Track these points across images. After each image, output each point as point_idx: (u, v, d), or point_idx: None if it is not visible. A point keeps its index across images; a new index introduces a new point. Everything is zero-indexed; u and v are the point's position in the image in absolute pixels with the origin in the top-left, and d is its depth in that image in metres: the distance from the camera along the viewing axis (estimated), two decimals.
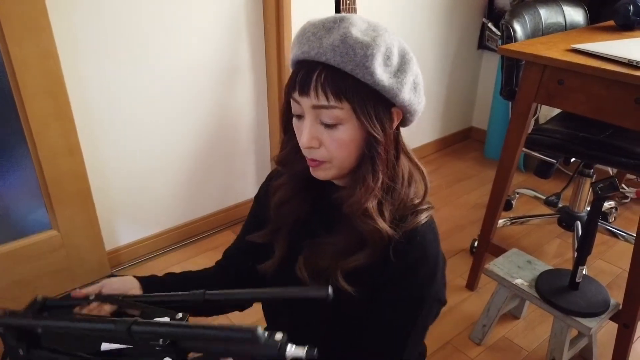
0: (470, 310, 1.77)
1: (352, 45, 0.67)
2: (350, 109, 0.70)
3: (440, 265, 0.80)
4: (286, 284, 0.84)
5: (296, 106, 0.74)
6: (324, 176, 0.77)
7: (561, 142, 1.73)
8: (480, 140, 3.08)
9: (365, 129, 0.72)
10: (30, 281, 1.73)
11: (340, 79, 0.68)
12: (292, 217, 0.85)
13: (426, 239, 0.76)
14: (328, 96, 0.69)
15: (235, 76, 2.01)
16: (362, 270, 0.76)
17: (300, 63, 0.72)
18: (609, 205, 2.28)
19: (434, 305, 0.80)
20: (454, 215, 2.36)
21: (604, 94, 1.34)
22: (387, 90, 0.71)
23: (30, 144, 1.59)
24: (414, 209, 0.77)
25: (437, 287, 0.79)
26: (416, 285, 0.77)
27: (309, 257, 0.80)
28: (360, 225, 0.74)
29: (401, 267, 0.75)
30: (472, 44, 2.90)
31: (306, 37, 0.70)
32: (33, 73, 1.49)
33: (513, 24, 1.66)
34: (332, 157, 0.74)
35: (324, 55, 0.68)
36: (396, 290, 0.77)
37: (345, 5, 1.79)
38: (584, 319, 1.36)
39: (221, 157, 2.10)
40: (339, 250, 0.77)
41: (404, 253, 0.75)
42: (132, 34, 1.69)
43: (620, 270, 1.96)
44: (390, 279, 0.76)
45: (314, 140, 0.72)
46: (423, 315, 0.79)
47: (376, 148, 0.73)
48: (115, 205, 1.89)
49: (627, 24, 1.69)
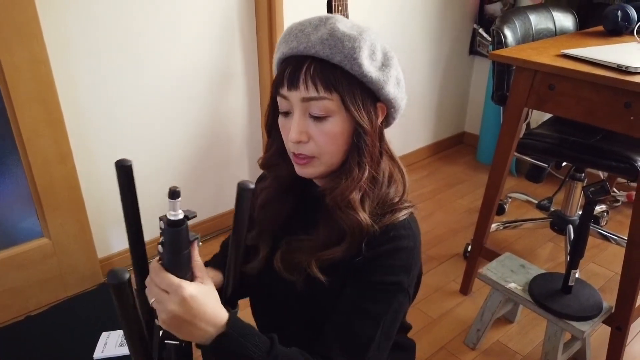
0: (464, 315, 1.77)
1: (340, 37, 0.70)
2: (339, 100, 0.72)
3: (416, 262, 0.79)
4: (270, 281, 0.87)
5: (283, 103, 0.75)
6: (311, 173, 0.78)
7: (552, 146, 1.75)
8: (472, 145, 3.10)
9: (353, 121, 0.74)
10: (22, 289, 1.71)
11: (329, 71, 0.71)
12: (275, 219, 0.86)
13: (400, 234, 0.76)
14: (318, 87, 0.71)
15: (228, 82, 2.01)
16: (337, 263, 0.76)
17: (287, 60, 0.74)
18: (601, 208, 2.29)
19: (406, 298, 0.79)
20: (447, 219, 2.36)
21: (594, 98, 1.35)
22: (373, 82, 0.73)
23: (21, 151, 1.58)
24: (393, 207, 0.78)
25: (411, 280, 0.78)
26: (389, 272, 0.76)
27: (285, 252, 0.81)
28: (342, 217, 0.75)
29: (373, 255, 0.75)
30: (464, 49, 2.92)
31: (293, 34, 0.73)
32: (24, 79, 1.49)
33: (504, 29, 1.68)
34: (321, 151, 0.75)
35: (313, 49, 0.70)
36: (369, 275, 0.76)
37: (337, 11, 1.81)
38: (577, 322, 1.36)
39: (214, 163, 2.10)
40: (316, 245, 0.78)
41: (376, 244, 0.75)
42: (124, 40, 1.69)
43: (612, 273, 1.97)
44: (362, 266, 0.76)
45: (303, 134, 0.73)
46: (397, 302, 0.77)
47: (364, 139, 0.74)
48: (107, 212, 1.87)
49: (615, 29, 1.71)
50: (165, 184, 2.03)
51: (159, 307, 0.63)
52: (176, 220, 0.59)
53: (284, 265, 0.81)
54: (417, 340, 1.64)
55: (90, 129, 1.72)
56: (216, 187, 2.14)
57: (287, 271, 0.80)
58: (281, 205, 0.86)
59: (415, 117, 2.85)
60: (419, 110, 2.85)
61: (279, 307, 0.91)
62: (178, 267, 0.62)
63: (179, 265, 0.62)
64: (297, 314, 0.88)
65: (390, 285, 0.76)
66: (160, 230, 0.61)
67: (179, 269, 0.63)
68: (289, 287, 0.81)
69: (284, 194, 0.86)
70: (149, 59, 1.77)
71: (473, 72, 3.03)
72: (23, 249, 1.69)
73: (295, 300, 0.84)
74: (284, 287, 0.82)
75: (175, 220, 0.59)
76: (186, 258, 0.63)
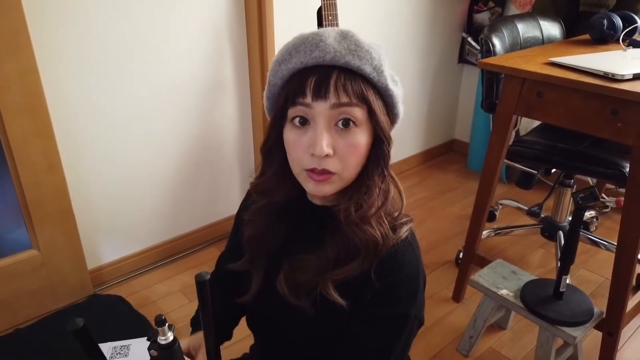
0: (456, 322, 1.77)
1: (367, 50, 0.70)
2: (367, 112, 0.70)
3: (421, 284, 0.79)
4: (271, 308, 0.84)
5: (301, 110, 0.70)
6: (328, 191, 0.73)
7: (541, 153, 1.76)
8: (462, 152, 3.11)
9: (373, 134, 0.72)
10: (11, 302, 1.69)
11: (361, 80, 0.70)
12: (266, 249, 0.82)
13: (405, 260, 0.75)
14: (350, 95, 0.68)
15: (219, 92, 2.01)
16: (349, 282, 0.74)
17: (306, 70, 0.70)
18: (590, 214, 2.31)
19: (415, 325, 0.79)
20: (438, 227, 2.37)
21: (582, 105, 1.37)
22: (393, 97, 0.73)
23: (10, 161, 1.57)
24: (394, 223, 0.76)
25: (418, 306, 0.78)
26: (397, 304, 0.75)
27: (289, 273, 0.77)
28: (357, 234, 0.72)
29: (381, 286, 0.74)
30: (453, 58, 2.95)
31: (313, 44, 0.69)
32: (13, 90, 1.48)
33: (492, 38, 1.69)
34: (344, 167, 0.71)
35: (343, 58, 0.68)
36: (376, 308, 0.75)
37: (327, 21, 1.82)
38: (569, 328, 1.37)
39: (205, 173, 2.09)
40: (325, 264, 0.75)
41: (385, 273, 0.74)
42: (114, 51, 1.68)
43: (602, 278, 1.98)
44: (371, 298, 0.75)
45: (330, 147, 0.69)
46: (406, 333, 0.77)
47: (388, 151, 0.73)
48: (97, 223, 1.86)
49: (601, 37, 1.73)
50: (156, 194, 2.03)
51: None
52: (168, 343, 0.64)
53: (289, 288, 0.76)
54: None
55: (80, 139, 1.71)
56: (209, 197, 2.14)
57: (294, 295, 0.76)
58: (275, 232, 0.81)
59: (405, 125, 2.86)
60: (409, 119, 2.86)
61: (284, 330, 0.86)
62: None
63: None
64: (304, 337, 0.83)
65: (399, 318, 0.76)
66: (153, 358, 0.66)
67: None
68: (293, 312, 0.77)
69: (278, 219, 0.81)
70: (140, 69, 1.76)
71: (462, 80, 3.05)
72: (12, 260, 1.67)
73: (302, 322, 0.79)
74: (289, 310, 0.77)
75: (167, 343, 0.64)
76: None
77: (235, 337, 0.99)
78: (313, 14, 1.92)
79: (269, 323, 0.89)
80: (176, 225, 2.09)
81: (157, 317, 0.62)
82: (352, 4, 2.26)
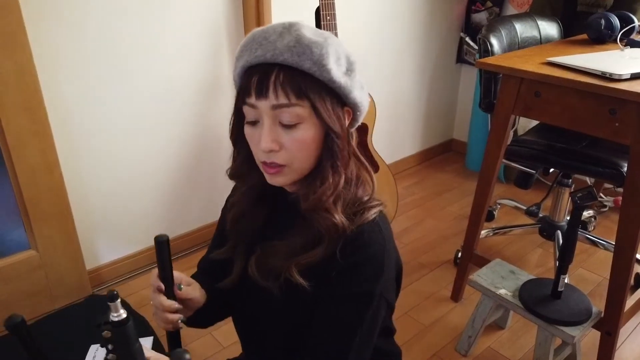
0: (455, 322, 1.77)
1: (307, 44, 0.70)
2: (310, 107, 0.72)
3: (389, 265, 0.79)
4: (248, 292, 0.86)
5: (251, 112, 0.74)
6: (282, 182, 0.77)
7: (539, 153, 1.76)
8: (461, 152, 3.12)
9: (323, 127, 0.74)
10: (9, 303, 1.69)
11: (299, 77, 0.70)
12: (248, 231, 0.86)
13: (372, 239, 0.77)
14: (289, 95, 0.70)
15: (217, 91, 2.01)
16: (314, 267, 0.76)
17: (252, 68, 0.73)
18: (588, 214, 2.31)
19: (381, 304, 0.79)
20: (437, 227, 2.37)
21: (579, 105, 1.37)
22: (342, 87, 0.73)
23: (7, 161, 1.56)
24: (363, 206, 0.78)
25: (384, 287, 0.78)
26: (362, 282, 0.76)
27: (260, 257, 0.81)
28: (318, 220, 0.75)
29: (346, 265, 0.76)
30: (451, 58, 2.95)
31: (257, 42, 0.71)
32: (10, 89, 1.47)
33: (490, 38, 1.69)
34: (293, 159, 0.74)
35: (281, 56, 0.69)
36: (341, 287, 0.77)
37: (325, 21, 1.82)
38: (568, 327, 1.37)
39: (203, 173, 2.09)
40: (292, 250, 0.78)
41: (349, 252, 0.75)
42: (112, 50, 1.68)
43: (601, 278, 1.99)
44: (335, 276, 0.76)
45: (274, 143, 0.73)
46: (371, 311, 0.77)
47: (338, 144, 0.75)
48: (95, 223, 1.86)
49: (599, 37, 1.73)
50: (155, 194, 2.02)
51: None
52: (121, 319, 0.60)
53: (259, 271, 0.80)
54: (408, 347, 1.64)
55: (78, 138, 1.71)
56: (206, 198, 2.13)
57: (262, 277, 0.80)
58: (255, 215, 0.86)
59: (403, 125, 2.87)
60: (407, 118, 2.87)
61: (258, 318, 0.90)
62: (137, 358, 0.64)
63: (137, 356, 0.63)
64: (276, 324, 0.87)
65: (363, 297, 0.77)
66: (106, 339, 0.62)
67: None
68: (267, 296, 0.80)
69: (257, 204, 0.86)
70: (137, 69, 1.76)
71: (460, 80, 3.05)
72: (9, 261, 1.67)
73: (273, 308, 0.84)
74: (262, 296, 0.82)
75: (120, 320, 0.60)
76: (140, 349, 0.64)
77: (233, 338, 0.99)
78: (311, 13, 1.92)
79: (245, 312, 0.91)
80: (174, 226, 2.09)
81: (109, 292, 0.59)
82: (350, 4, 2.26)
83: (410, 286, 1.95)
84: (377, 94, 2.17)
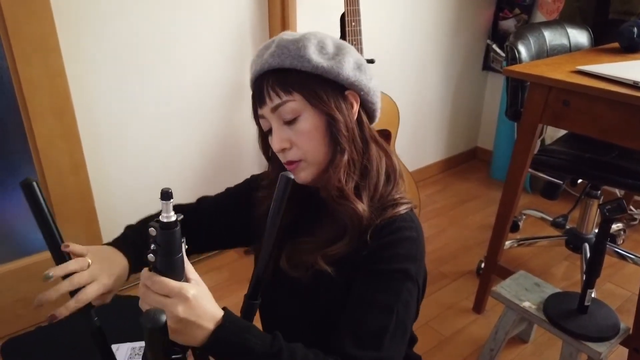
0: (477, 334, 1.74)
1: (285, 45, 0.76)
2: (302, 98, 0.76)
3: (422, 253, 0.80)
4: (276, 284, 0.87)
5: (263, 122, 0.81)
6: (304, 177, 0.80)
7: (567, 163, 1.73)
8: (485, 160, 3.07)
9: (323, 113, 0.77)
10: (32, 301, 1.72)
11: (283, 75, 0.76)
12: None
13: (404, 225, 0.78)
14: (279, 94, 0.76)
15: (240, 95, 2.03)
16: (343, 258, 0.78)
17: (253, 85, 0.81)
18: (617, 227, 2.25)
19: (415, 286, 0.77)
20: (460, 236, 2.34)
21: (610, 115, 1.33)
22: (327, 71, 0.76)
23: (36, 162, 1.60)
24: (394, 202, 0.80)
25: (418, 272, 0.77)
26: (395, 260, 0.76)
27: (291, 253, 0.84)
28: (340, 210, 0.78)
29: (378, 245, 0.76)
30: (477, 65, 2.92)
31: (253, 61, 0.80)
32: (41, 92, 1.51)
33: (517, 45, 1.67)
34: (305, 152, 0.78)
35: (266, 64, 0.77)
36: (373, 265, 0.76)
37: (350, 27, 1.81)
38: (594, 343, 1.33)
39: (227, 173, 2.10)
40: (320, 244, 0.80)
41: (383, 234, 0.77)
42: (139, 54, 1.71)
43: (629, 293, 1.93)
44: (367, 256, 0.76)
45: (284, 141, 0.78)
46: (406, 290, 0.75)
47: (336, 126, 0.77)
48: (119, 223, 1.86)
49: (631, 45, 1.69)
50: (178, 195, 2.03)
51: None
52: (170, 222, 0.57)
53: (290, 265, 0.83)
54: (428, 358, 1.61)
55: (104, 140, 1.74)
56: None
57: (293, 269, 0.83)
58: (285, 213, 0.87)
59: (428, 132, 2.84)
60: (431, 125, 2.84)
61: (285, 309, 0.91)
62: (175, 270, 0.61)
63: (175, 268, 0.61)
64: (304, 313, 0.87)
65: (398, 273, 0.76)
66: (152, 237, 0.59)
67: (175, 273, 0.61)
68: (295, 285, 0.83)
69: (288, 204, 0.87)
70: (163, 72, 1.79)
71: (486, 87, 3.02)
72: (35, 259, 1.70)
73: (301, 298, 0.86)
74: (290, 286, 0.84)
75: (169, 222, 0.57)
76: (181, 261, 0.61)
77: None
78: (336, 19, 1.92)
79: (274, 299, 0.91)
80: None
81: (164, 189, 0.56)
82: (375, 10, 2.26)
83: (432, 296, 1.93)
84: (400, 100, 2.15)
